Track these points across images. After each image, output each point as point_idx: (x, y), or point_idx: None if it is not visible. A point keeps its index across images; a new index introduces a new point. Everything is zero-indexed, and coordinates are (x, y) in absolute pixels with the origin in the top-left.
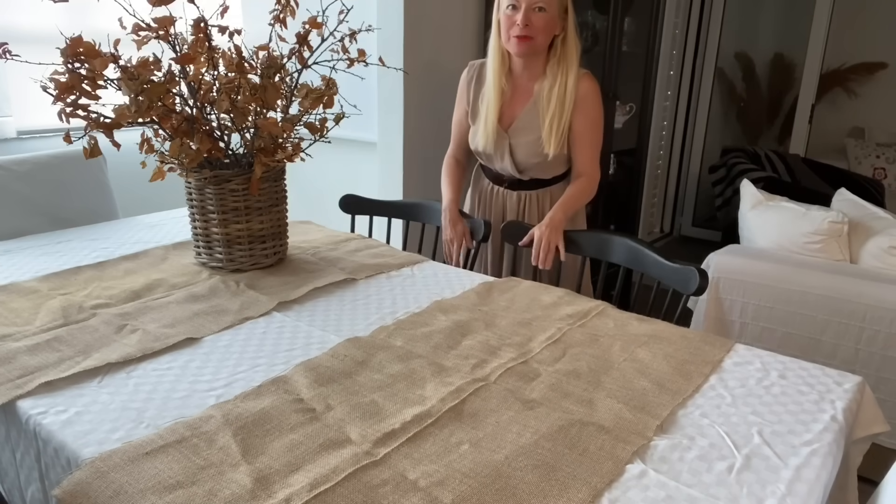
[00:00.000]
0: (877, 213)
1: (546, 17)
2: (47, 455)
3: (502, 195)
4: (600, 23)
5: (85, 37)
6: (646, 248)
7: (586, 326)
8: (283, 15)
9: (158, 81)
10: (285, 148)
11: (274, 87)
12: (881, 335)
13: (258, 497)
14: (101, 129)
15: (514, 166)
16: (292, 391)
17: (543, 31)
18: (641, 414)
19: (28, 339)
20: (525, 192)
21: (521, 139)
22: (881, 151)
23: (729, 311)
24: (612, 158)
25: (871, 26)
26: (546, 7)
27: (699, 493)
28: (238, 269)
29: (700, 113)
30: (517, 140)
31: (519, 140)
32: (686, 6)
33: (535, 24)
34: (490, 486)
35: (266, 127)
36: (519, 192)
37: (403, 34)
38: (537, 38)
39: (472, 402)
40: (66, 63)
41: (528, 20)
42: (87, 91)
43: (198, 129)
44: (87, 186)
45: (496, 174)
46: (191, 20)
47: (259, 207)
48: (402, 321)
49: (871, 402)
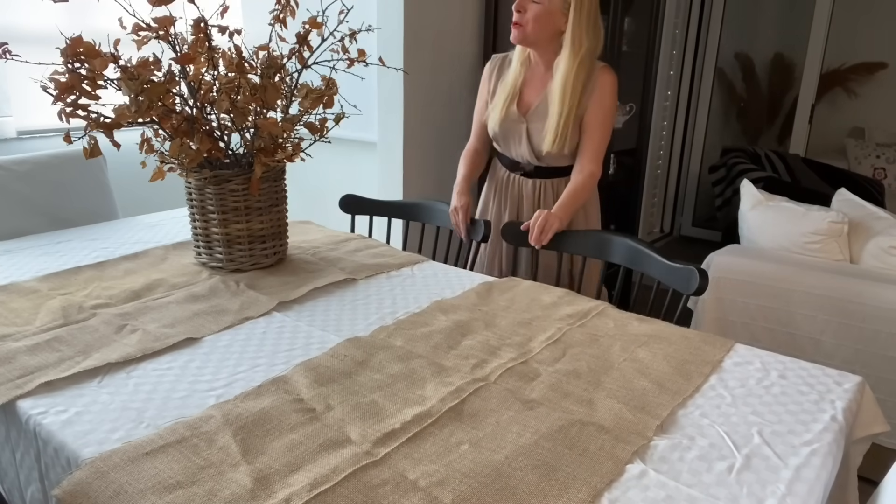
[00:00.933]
0: (877, 213)
1: (539, 10)
2: (47, 455)
3: (518, 183)
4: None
5: (85, 37)
6: (646, 248)
7: (586, 326)
8: (283, 15)
9: (158, 81)
10: (285, 148)
11: (274, 87)
12: (881, 335)
13: (258, 497)
14: (101, 129)
15: (532, 151)
16: (292, 391)
17: (535, 22)
18: (641, 414)
19: (28, 339)
20: (541, 181)
21: (537, 125)
22: (881, 151)
23: (729, 311)
24: (612, 158)
25: (871, 26)
26: (540, 0)
27: (699, 493)
28: (238, 269)
29: (700, 113)
30: (534, 125)
31: (535, 125)
32: (686, 6)
33: (528, 13)
34: (490, 486)
35: (266, 127)
36: (535, 181)
37: (403, 34)
38: (528, 27)
39: (472, 402)
40: (66, 63)
41: (521, 7)
42: (87, 91)
43: (198, 129)
44: (87, 186)
45: (512, 161)
46: (191, 20)
47: (259, 207)
48: (402, 321)
49: (871, 402)
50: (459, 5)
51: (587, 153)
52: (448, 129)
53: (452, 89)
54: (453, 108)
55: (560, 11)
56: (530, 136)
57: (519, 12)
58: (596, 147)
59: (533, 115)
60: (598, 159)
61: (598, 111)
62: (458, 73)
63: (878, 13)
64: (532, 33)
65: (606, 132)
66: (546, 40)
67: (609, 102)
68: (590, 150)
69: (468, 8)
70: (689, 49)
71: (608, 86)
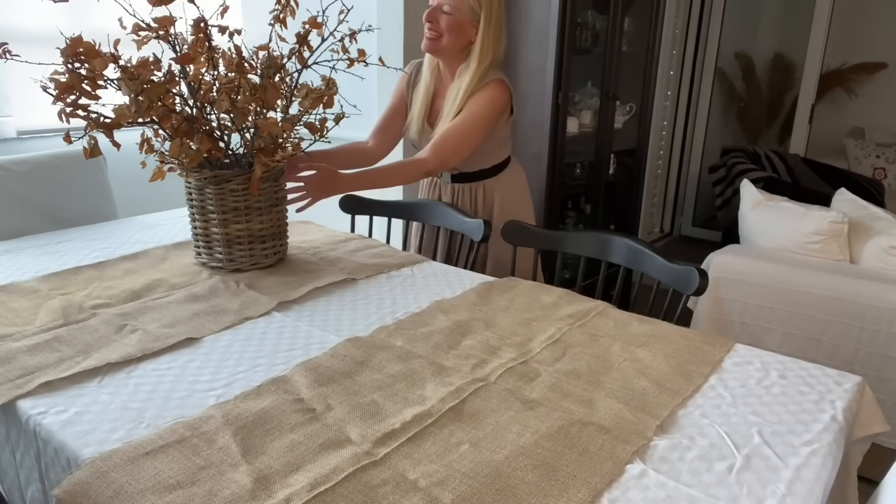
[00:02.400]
0: (877, 213)
1: (450, 20)
2: (47, 455)
3: (439, 187)
4: (600, 23)
5: (85, 37)
6: (646, 248)
7: (586, 326)
8: (283, 15)
9: (158, 81)
10: (285, 148)
11: (274, 87)
12: (881, 335)
13: (258, 497)
14: (101, 130)
15: None
16: (292, 391)
17: (448, 32)
18: (641, 414)
19: (28, 339)
20: (458, 185)
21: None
22: (881, 151)
23: (729, 311)
24: (613, 158)
25: (871, 26)
26: (452, 11)
27: (699, 493)
28: (238, 269)
29: (700, 113)
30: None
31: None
32: (686, 6)
33: (440, 24)
34: (490, 486)
35: (266, 127)
36: (453, 185)
37: (403, 34)
38: (440, 38)
39: (472, 402)
40: (66, 63)
41: (431, 17)
42: (87, 91)
43: (198, 129)
44: (87, 186)
45: None
46: (191, 20)
47: (259, 207)
48: (402, 321)
49: (871, 402)
50: None
51: (433, 141)
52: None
53: None
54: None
55: (470, 23)
56: None
57: (430, 23)
58: (436, 141)
59: (437, 125)
60: (438, 152)
61: (464, 112)
62: None
63: (878, 13)
64: (446, 43)
65: (455, 132)
66: (457, 50)
67: (477, 108)
68: (436, 139)
69: None
70: (689, 49)
71: (485, 95)
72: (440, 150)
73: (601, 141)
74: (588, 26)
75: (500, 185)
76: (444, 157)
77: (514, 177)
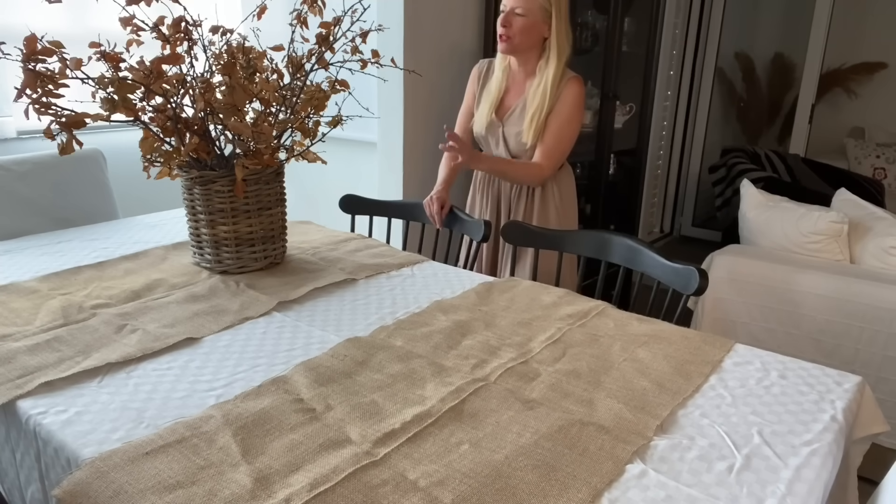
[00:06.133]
0: (877, 213)
1: (524, 22)
2: (47, 455)
3: (497, 183)
4: (600, 23)
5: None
6: (646, 248)
7: (586, 326)
8: (305, 14)
9: (126, 81)
10: (262, 152)
11: (242, 88)
12: (881, 335)
13: (258, 497)
14: (63, 129)
15: (508, 152)
16: (292, 391)
17: (521, 34)
18: (641, 414)
19: (28, 339)
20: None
21: (512, 129)
22: (881, 151)
23: (729, 311)
24: (613, 158)
25: (871, 26)
26: (525, 13)
27: (699, 493)
28: (225, 271)
29: (700, 113)
30: (509, 130)
31: (510, 130)
32: (686, 6)
33: (514, 26)
34: (490, 486)
35: (237, 129)
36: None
37: (403, 34)
38: (515, 38)
39: (472, 402)
40: (23, 62)
41: (506, 22)
42: (48, 90)
43: (182, 130)
44: (87, 186)
45: None
46: (189, 20)
47: (247, 210)
48: (402, 321)
49: (871, 402)
50: (460, 5)
51: (539, 149)
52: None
53: (453, 89)
54: (454, 108)
55: (542, 21)
56: (506, 139)
57: (505, 26)
58: (547, 147)
59: (509, 119)
60: (550, 157)
61: (556, 117)
62: (459, 72)
63: (878, 13)
64: (520, 44)
65: (561, 136)
66: (530, 49)
67: (566, 112)
68: (542, 148)
69: (468, 8)
70: (689, 49)
71: (570, 97)
72: (551, 156)
73: (601, 141)
74: (588, 26)
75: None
76: (556, 162)
77: (567, 177)
